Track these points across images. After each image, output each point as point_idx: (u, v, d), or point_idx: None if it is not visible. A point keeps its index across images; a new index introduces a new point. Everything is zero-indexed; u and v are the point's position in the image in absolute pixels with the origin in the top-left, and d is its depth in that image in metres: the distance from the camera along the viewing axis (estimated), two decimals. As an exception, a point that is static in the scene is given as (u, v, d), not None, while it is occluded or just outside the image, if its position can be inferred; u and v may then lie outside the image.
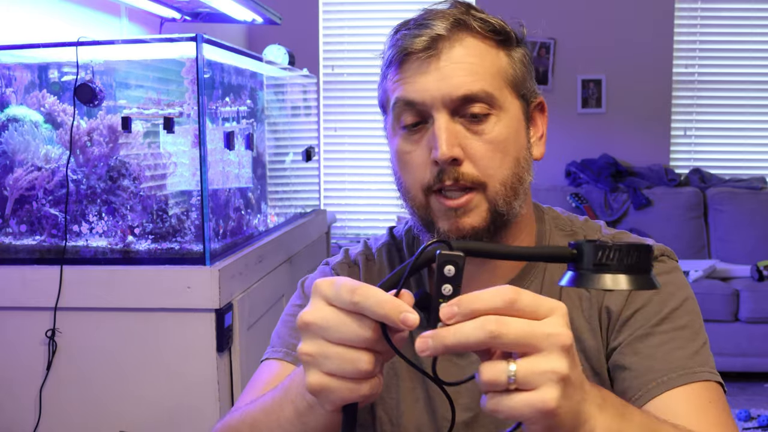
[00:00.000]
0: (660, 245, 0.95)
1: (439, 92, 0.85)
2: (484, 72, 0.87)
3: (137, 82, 1.84)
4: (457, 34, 0.87)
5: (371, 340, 0.59)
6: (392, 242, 1.04)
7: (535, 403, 0.55)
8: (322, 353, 0.59)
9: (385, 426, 0.96)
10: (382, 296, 0.59)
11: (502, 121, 0.87)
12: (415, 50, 0.86)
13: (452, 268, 0.58)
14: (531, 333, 0.55)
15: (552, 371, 0.55)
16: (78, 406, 1.66)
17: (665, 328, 0.88)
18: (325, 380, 0.59)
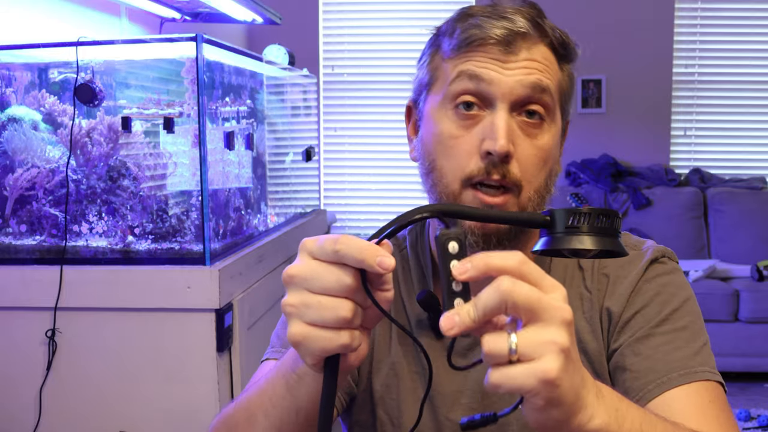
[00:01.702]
0: (660, 246, 0.96)
1: (512, 79, 0.85)
2: (551, 76, 0.88)
3: (137, 82, 1.84)
4: (534, 37, 0.87)
5: (351, 287, 0.59)
6: (394, 243, 1.03)
7: (536, 372, 0.55)
8: (304, 303, 0.60)
9: (385, 426, 0.96)
10: (362, 243, 0.60)
11: (551, 131, 0.89)
12: (494, 39, 0.86)
13: (456, 245, 0.59)
14: (539, 299, 0.56)
15: (553, 341, 0.55)
16: (78, 406, 1.66)
17: (666, 329, 0.88)
18: (305, 329, 0.60)
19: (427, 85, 0.93)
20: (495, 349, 0.56)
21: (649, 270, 0.92)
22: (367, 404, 0.98)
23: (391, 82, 4.48)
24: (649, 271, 0.92)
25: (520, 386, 0.56)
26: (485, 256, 0.57)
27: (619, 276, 0.92)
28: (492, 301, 0.56)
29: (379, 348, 0.97)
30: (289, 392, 0.69)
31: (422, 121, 0.94)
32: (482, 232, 0.86)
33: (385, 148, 4.53)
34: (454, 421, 0.93)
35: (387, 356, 0.97)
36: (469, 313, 0.57)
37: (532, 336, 0.55)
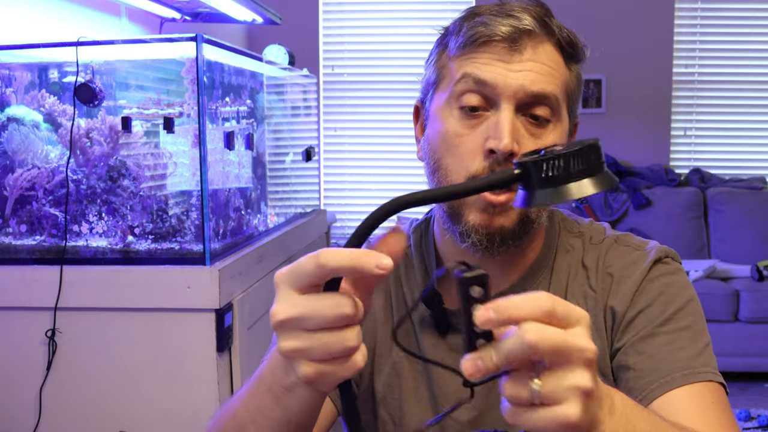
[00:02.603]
0: (664, 247, 0.96)
1: (516, 82, 0.85)
2: (557, 80, 0.88)
3: (137, 82, 1.84)
4: (540, 36, 0.87)
5: (351, 315, 0.56)
6: None
7: (557, 417, 0.54)
8: (306, 346, 0.57)
9: (387, 426, 0.96)
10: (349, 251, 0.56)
11: (557, 131, 0.88)
12: (500, 36, 0.85)
13: (479, 289, 0.55)
14: (564, 342, 0.54)
15: (577, 387, 0.54)
16: (78, 406, 1.66)
17: (669, 329, 0.88)
18: (318, 368, 0.57)
19: (433, 83, 0.93)
20: (516, 394, 0.55)
21: (652, 270, 0.93)
22: (369, 404, 0.98)
23: (391, 82, 4.48)
24: (652, 271, 0.93)
25: (542, 429, 0.55)
26: (510, 305, 0.54)
27: (623, 275, 0.93)
28: (516, 350, 0.54)
29: (380, 348, 0.97)
30: (279, 405, 0.68)
31: (428, 120, 0.94)
32: (486, 231, 0.86)
33: (385, 148, 4.53)
34: (457, 420, 0.93)
35: (389, 356, 0.97)
36: (492, 358, 0.55)
37: (556, 381, 0.54)
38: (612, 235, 0.98)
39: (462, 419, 0.93)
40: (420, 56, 4.08)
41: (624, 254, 0.95)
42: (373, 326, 0.97)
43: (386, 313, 0.98)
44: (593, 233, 0.98)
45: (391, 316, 0.98)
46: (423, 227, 1.02)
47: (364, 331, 0.96)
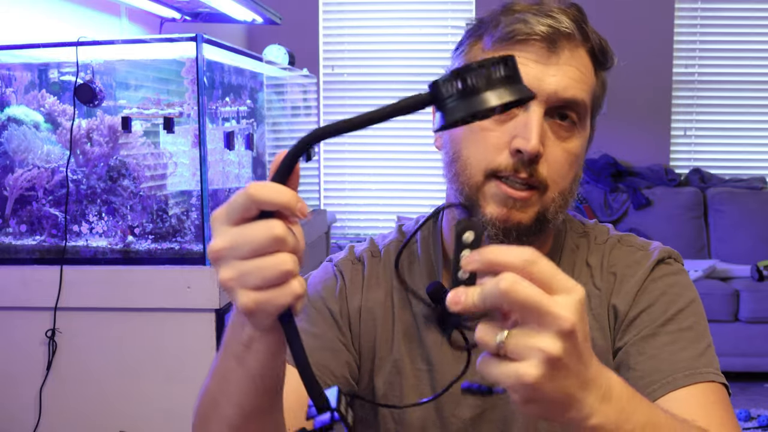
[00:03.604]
0: (667, 247, 0.97)
1: (551, 86, 0.85)
2: (588, 86, 0.88)
3: (137, 82, 1.84)
4: (577, 40, 0.87)
5: (282, 237, 0.56)
6: (402, 239, 1.03)
7: (512, 373, 0.55)
8: (242, 272, 0.56)
9: (388, 424, 0.96)
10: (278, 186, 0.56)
11: (581, 136, 0.89)
12: (538, 36, 0.85)
13: (471, 235, 0.58)
14: (539, 303, 0.54)
15: (540, 349, 0.54)
16: (78, 406, 1.66)
17: (671, 329, 0.88)
18: (255, 296, 0.57)
19: None
20: (484, 339, 0.56)
21: (655, 270, 0.93)
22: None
23: (391, 82, 4.48)
24: (655, 271, 0.93)
25: (497, 381, 0.56)
26: (494, 250, 0.56)
27: (625, 275, 0.93)
28: (491, 294, 0.55)
29: (380, 346, 0.97)
30: (240, 365, 0.67)
31: None
32: (504, 226, 0.86)
33: (386, 148, 4.53)
34: (460, 417, 0.94)
35: (389, 354, 0.97)
36: (474, 297, 0.56)
37: (521, 338, 0.55)
38: (615, 235, 0.99)
39: (464, 416, 0.93)
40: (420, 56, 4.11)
41: (627, 254, 0.96)
42: (373, 324, 0.97)
43: (386, 310, 0.98)
44: (597, 233, 0.99)
45: (392, 314, 0.98)
46: (431, 224, 1.02)
47: (363, 329, 0.97)
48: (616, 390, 0.61)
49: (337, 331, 0.96)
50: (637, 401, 0.64)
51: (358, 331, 0.97)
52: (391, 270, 1.00)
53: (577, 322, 0.56)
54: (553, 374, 0.55)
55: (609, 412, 0.60)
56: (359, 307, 0.97)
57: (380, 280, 0.99)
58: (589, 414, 0.59)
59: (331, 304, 0.97)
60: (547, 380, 0.55)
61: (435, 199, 4.17)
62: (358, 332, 0.97)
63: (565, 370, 0.56)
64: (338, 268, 1.00)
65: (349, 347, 0.96)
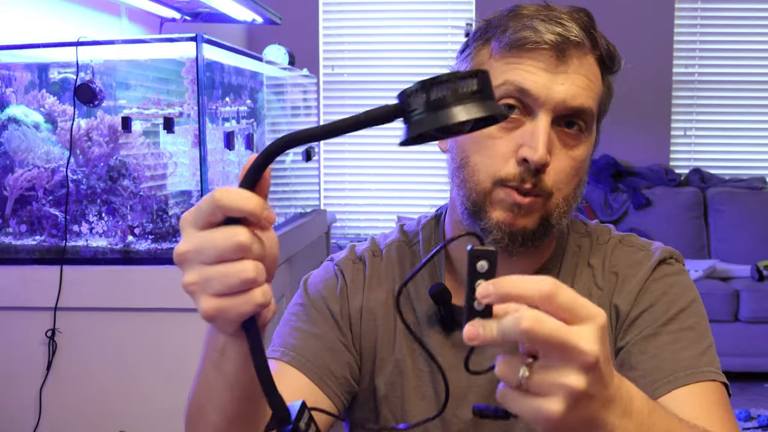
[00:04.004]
0: (668, 248, 0.97)
1: (559, 95, 0.85)
2: (595, 93, 0.88)
3: (137, 82, 1.84)
4: (586, 47, 0.87)
5: (246, 244, 0.55)
6: (403, 239, 1.03)
7: (538, 410, 0.54)
8: (204, 277, 0.56)
9: (389, 424, 0.96)
10: (244, 192, 0.56)
11: (587, 144, 0.90)
12: (547, 45, 0.85)
13: (485, 264, 0.56)
14: (561, 339, 0.53)
15: (564, 386, 0.54)
16: (78, 406, 1.66)
17: (672, 328, 0.89)
18: (216, 302, 0.56)
19: None
20: (505, 375, 0.56)
21: (657, 270, 0.93)
22: (370, 402, 0.98)
23: (391, 82, 4.48)
24: (657, 271, 0.93)
25: (520, 414, 0.56)
26: (511, 283, 0.55)
27: (627, 275, 0.93)
28: (511, 332, 0.54)
29: (382, 346, 0.97)
30: (218, 372, 0.67)
31: None
32: (510, 230, 0.86)
33: (386, 148, 4.52)
34: (462, 418, 0.94)
35: (391, 354, 0.96)
36: (492, 331, 0.55)
37: (544, 375, 0.54)
38: (617, 236, 0.99)
39: (466, 417, 0.93)
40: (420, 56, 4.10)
41: (629, 254, 0.96)
42: (374, 324, 0.97)
43: (387, 311, 0.98)
44: (599, 233, 1.00)
45: (393, 315, 0.98)
46: (433, 224, 1.02)
47: (363, 330, 0.97)
48: (636, 404, 0.61)
49: (337, 331, 0.96)
50: (656, 413, 0.64)
51: (359, 332, 0.97)
52: (393, 269, 1.00)
53: (600, 352, 0.55)
54: (577, 405, 0.55)
55: (630, 427, 0.59)
56: (360, 307, 0.97)
57: (382, 280, 0.99)
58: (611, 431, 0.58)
59: (332, 304, 0.97)
60: (571, 412, 0.55)
61: (435, 199, 4.17)
62: (359, 332, 0.97)
63: (589, 400, 0.56)
64: (339, 268, 1.00)
65: (349, 348, 0.96)
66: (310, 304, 0.97)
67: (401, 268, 1.00)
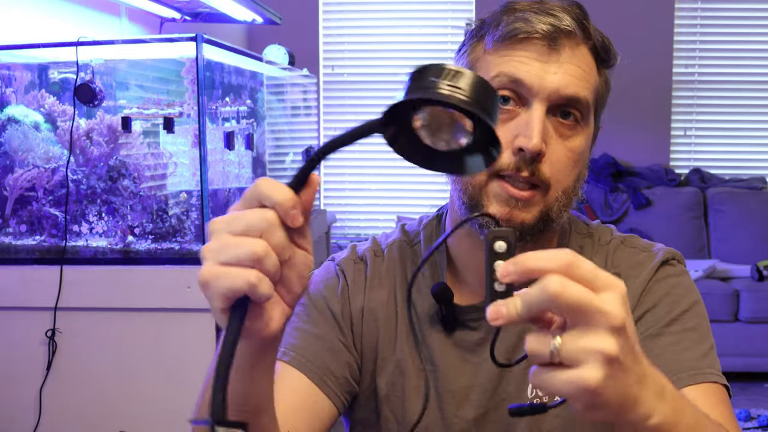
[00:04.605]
0: (671, 249, 0.97)
1: (552, 84, 0.85)
2: (590, 84, 0.88)
3: (137, 82, 1.84)
4: (578, 37, 0.87)
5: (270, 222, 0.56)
6: (405, 239, 1.02)
7: (575, 380, 0.53)
8: (223, 244, 0.56)
9: (390, 425, 0.96)
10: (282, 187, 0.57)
11: (585, 134, 0.89)
12: (539, 34, 0.85)
13: (503, 244, 0.56)
14: (589, 302, 0.53)
15: (597, 350, 0.53)
16: (78, 406, 1.66)
17: (675, 329, 0.89)
18: (215, 269, 0.56)
19: None
20: (537, 349, 0.55)
21: (659, 271, 0.94)
22: (371, 402, 0.98)
23: (391, 82, 4.48)
24: (659, 272, 0.94)
25: (558, 391, 0.54)
26: (530, 257, 0.55)
27: (629, 276, 0.93)
28: (538, 301, 0.54)
29: (383, 346, 0.97)
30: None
31: None
32: (506, 224, 0.86)
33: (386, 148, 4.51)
34: (463, 417, 0.93)
35: (392, 354, 0.96)
36: (516, 307, 0.55)
37: (576, 341, 0.53)
38: (619, 237, 0.99)
39: (468, 417, 0.93)
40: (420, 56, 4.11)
41: (631, 255, 0.96)
42: (375, 324, 0.97)
43: (389, 310, 0.98)
44: (601, 234, 0.99)
45: (395, 315, 0.98)
46: (434, 223, 1.02)
47: (365, 330, 0.97)
48: (668, 387, 0.60)
49: (338, 331, 0.96)
50: (685, 401, 0.64)
51: (360, 332, 0.97)
52: (394, 269, 1.00)
53: (626, 317, 0.55)
54: (613, 374, 0.54)
55: (666, 409, 0.59)
56: (362, 307, 0.97)
57: (383, 280, 0.99)
58: (650, 413, 0.57)
59: (333, 305, 0.97)
60: (609, 382, 0.54)
61: (435, 198, 4.17)
62: (360, 332, 0.97)
63: (623, 369, 0.55)
64: (340, 268, 1.00)
65: (350, 348, 0.96)
66: (311, 304, 0.97)
67: (403, 268, 1.00)
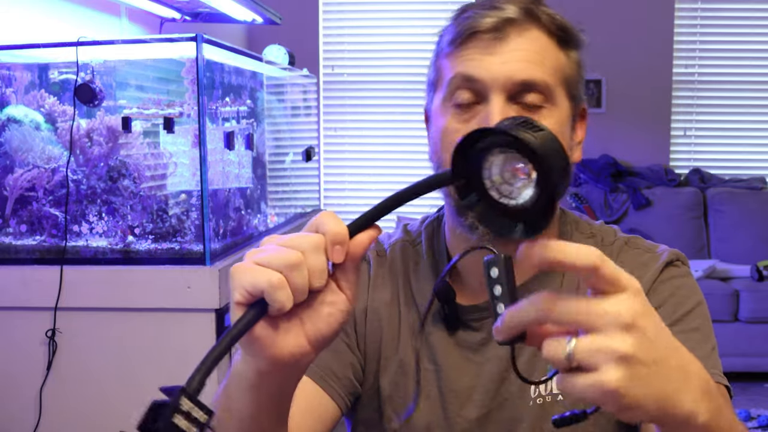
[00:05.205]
0: (675, 250, 0.97)
1: (502, 74, 0.85)
2: (546, 65, 0.88)
3: (137, 82, 1.84)
4: (525, 23, 0.88)
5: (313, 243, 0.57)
6: (407, 239, 1.03)
7: (595, 383, 0.52)
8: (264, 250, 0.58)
9: (393, 424, 0.96)
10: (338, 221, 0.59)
11: (554, 116, 0.88)
12: (483, 30, 0.86)
13: (497, 270, 0.58)
14: (585, 310, 0.52)
15: (609, 349, 0.52)
16: (78, 406, 1.66)
17: (679, 329, 0.89)
18: (247, 264, 0.58)
19: (432, 84, 0.94)
20: (552, 354, 0.54)
21: (664, 272, 0.94)
22: (374, 402, 0.98)
23: (391, 82, 4.48)
24: (664, 273, 0.94)
25: (582, 396, 0.53)
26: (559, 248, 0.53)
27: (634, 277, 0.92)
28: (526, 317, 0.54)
29: (386, 346, 0.97)
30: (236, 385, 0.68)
31: (431, 120, 0.95)
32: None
33: (386, 148, 4.53)
34: (466, 417, 0.93)
35: (395, 354, 0.96)
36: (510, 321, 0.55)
37: (588, 344, 0.52)
38: (622, 237, 0.99)
39: (471, 417, 0.93)
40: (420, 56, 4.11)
41: (635, 256, 0.96)
42: (378, 324, 0.97)
43: (392, 310, 0.98)
44: (605, 234, 0.99)
45: (398, 315, 0.98)
46: (435, 224, 1.03)
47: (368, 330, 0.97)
48: (711, 382, 0.59)
49: (342, 332, 0.96)
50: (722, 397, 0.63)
51: (364, 332, 0.97)
52: (397, 269, 1.00)
53: (639, 313, 0.53)
54: (634, 373, 0.52)
55: (712, 407, 0.57)
56: (365, 308, 0.98)
57: (386, 280, 0.99)
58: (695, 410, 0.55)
59: None
60: (632, 381, 0.52)
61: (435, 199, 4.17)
62: (364, 333, 0.97)
63: (645, 365, 0.53)
64: None
65: (353, 348, 0.97)
66: None
67: (405, 268, 1.00)
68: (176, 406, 0.55)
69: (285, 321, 0.60)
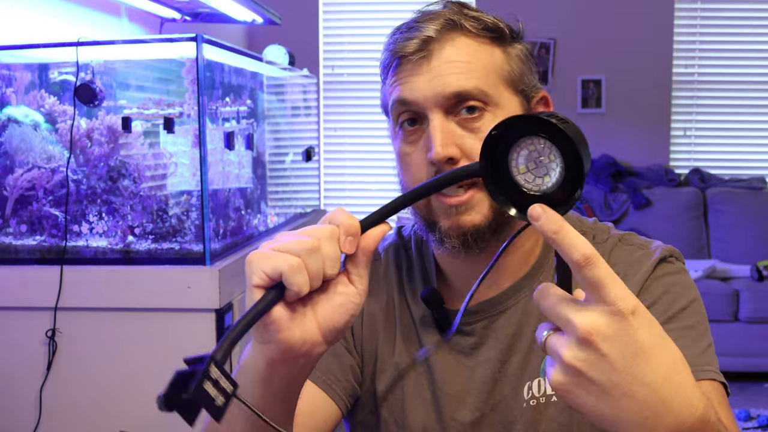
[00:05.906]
0: (669, 246, 0.96)
1: (432, 91, 0.86)
2: (478, 69, 0.87)
3: (137, 82, 1.84)
4: (447, 35, 0.87)
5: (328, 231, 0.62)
6: (400, 242, 1.04)
7: (551, 376, 0.57)
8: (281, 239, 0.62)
9: (390, 427, 0.96)
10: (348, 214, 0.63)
11: (499, 116, 0.87)
12: (408, 53, 0.87)
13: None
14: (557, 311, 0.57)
15: (557, 354, 0.57)
16: (78, 406, 1.66)
17: (673, 327, 0.88)
18: (264, 251, 0.61)
19: (385, 109, 0.96)
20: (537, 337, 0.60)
21: (657, 269, 0.93)
22: (371, 405, 0.98)
23: (391, 82, 4.48)
24: (657, 270, 0.93)
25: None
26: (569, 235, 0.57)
27: (627, 274, 0.93)
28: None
29: (382, 349, 0.97)
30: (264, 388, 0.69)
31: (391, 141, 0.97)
32: (458, 233, 0.86)
33: (386, 148, 4.53)
34: (460, 421, 0.93)
35: (391, 356, 0.97)
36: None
37: (550, 341, 0.58)
38: (616, 234, 0.98)
39: (464, 420, 0.93)
40: (420, 56, 3.97)
41: (628, 253, 0.95)
42: (374, 328, 0.98)
43: (387, 314, 0.98)
44: (598, 232, 0.98)
45: (393, 318, 0.98)
46: None
47: (365, 333, 0.97)
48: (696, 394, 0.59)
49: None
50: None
51: (361, 335, 0.98)
52: (392, 273, 1.00)
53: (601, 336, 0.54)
54: (578, 384, 0.55)
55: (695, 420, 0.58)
56: (362, 311, 0.98)
57: (381, 284, 1.00)
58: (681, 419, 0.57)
59: None
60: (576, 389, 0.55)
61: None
62: (361, 336, 0.98)
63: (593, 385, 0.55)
64: None
65: (352, 351, 0.97)
66: None
67: (398, 271, 1.00)
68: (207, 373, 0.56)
69: (300, 306, 0.63)
